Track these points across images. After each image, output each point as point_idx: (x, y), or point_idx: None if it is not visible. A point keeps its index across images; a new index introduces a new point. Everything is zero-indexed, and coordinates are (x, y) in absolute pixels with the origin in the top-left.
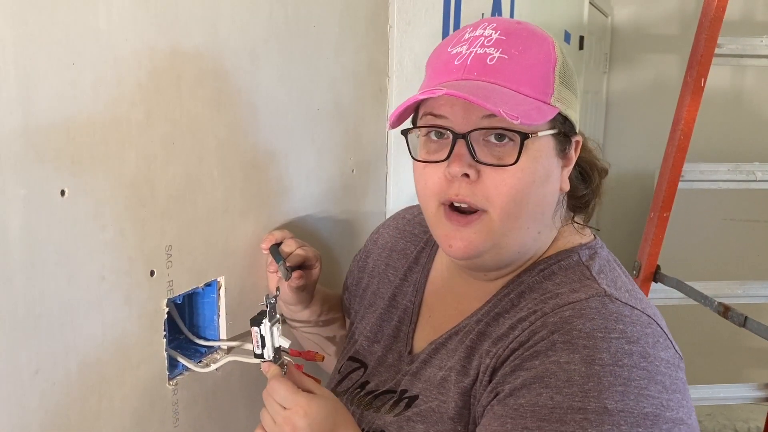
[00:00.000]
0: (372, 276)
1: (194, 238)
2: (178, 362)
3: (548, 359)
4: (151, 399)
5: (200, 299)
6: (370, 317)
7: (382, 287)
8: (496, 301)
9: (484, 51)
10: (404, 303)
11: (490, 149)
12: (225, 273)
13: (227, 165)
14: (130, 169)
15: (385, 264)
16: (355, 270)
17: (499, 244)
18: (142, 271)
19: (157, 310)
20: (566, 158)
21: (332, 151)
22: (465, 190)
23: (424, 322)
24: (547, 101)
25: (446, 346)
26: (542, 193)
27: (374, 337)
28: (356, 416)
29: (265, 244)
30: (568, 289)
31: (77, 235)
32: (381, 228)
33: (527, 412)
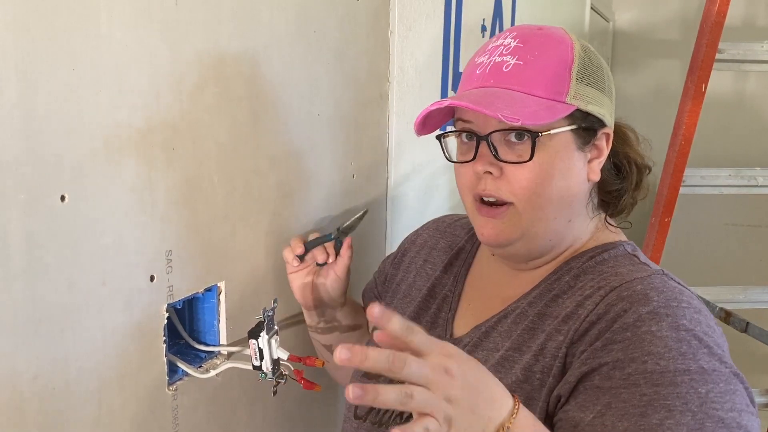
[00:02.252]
0: (408, 272)
1: (194, 243)
2: (178, 367)
3: (640, 330)
4: (150, 404)
5: (200, 304)
6: (406, 308)
7: (419, 280)
8: (548, 284)
9: (501, 59)
10: (443, 293)
11: (511, 148)
12: (225, 278)
13: (227, 170)
14: (131, 174)
15: (423, 260)
16: (388, 268)
17: (528, 233)
18: (142, 277)
19: (157, 315)
20: (596, 149)
21: (333, 157)
22: (491, 186)
23: (464, 309)
24: (561, 100)
25: (497, 329)
26: (565, 185)
27: None
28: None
29: (298, 250)
30: (626, 270)
31: (77, 241)
32: (419, 230)
33: (640, 380)
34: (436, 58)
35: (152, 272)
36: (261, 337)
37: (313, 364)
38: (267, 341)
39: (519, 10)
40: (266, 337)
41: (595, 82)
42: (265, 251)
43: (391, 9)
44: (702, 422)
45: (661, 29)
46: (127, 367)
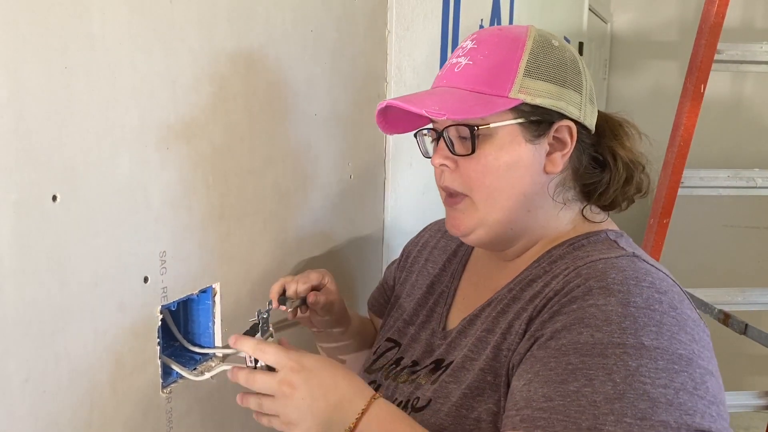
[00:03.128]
0: (411, 272)
1: (189, 244)
2: (173, 370)
3: (586, 303)
4: (144, 407)
5: (195, 306)
6: (408, 305)
7: (421, 279)
8: (527, 272)
9: (456, 60)
10: (440, 289)
11: (462, 143)
12: (220, 279)
13: (223, 170)
14: (124, 174)
15: (424, 260)
16: (395, 272)
17: (485, 222)
18: (135, 278)
19: (151, 317)
20: (558, 142)
21: (330, 157)
22: (447, 178)
23: (459, 303)
24: (503, 95)
25: (479, 317)
26: (515, 175)
27: (410, 320)
28: (391, 389)
29: (274, 304)
30: (598, 253)
31: (69, 241)
32: (422, 232)
33: (570, 350)
34: (434, 58)
35: (146, 273)
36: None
37: None
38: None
39: (517, 11)
40: (261, 339)
41: (551, 77)
42: (261, 252)
43: (388, 9)
44: (623, 393)
45: (659, 31)
46: (121, 369)
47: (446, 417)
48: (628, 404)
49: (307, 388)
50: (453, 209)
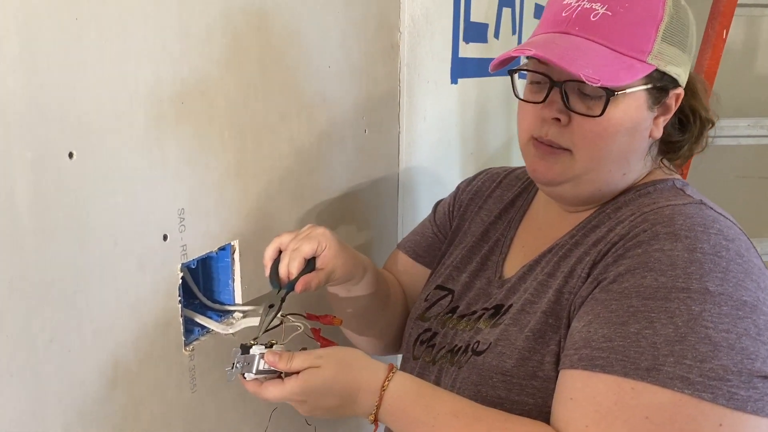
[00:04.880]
0: (462, 219)
1: (207, 201)
2: (194, 328)
3: (651, 247)
4: (167, 365)
5: (214, 264)
6: (458, 252)
7: (474, 226)
8: (590, 217)
9: (590, 6)
10: (496, 236)
11: (582, 99)
12: (239, 237)
13: (238, 126)
14: (140, 129)
15: (478, 207)
16: (441, 215)
17: (579, 179)
18: (154, 236)
19: (172, 275)
20: (664, 107)
21: (344, 111)
22: (553, 133)
23: (516, 252)
24: (642, 59)
25: (540, 263)
26: (627, 141)
27: (462, 267)
28: (450, 336)
29: (266, 271)
30: (665, 200)
31: (87, 199)
32: (473, 180)
33: (632, 293)
34: (447, 7)
35: (165, 231)
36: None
37: (331, 322)
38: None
39: None
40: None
41: (679, 41)
42: (278, 209)
43: None
44: (684, 336)
45: None
46: (143, 328)
47: (509, 359)
48: (688, 347)
49: (314, 405)
50: (544, 158)
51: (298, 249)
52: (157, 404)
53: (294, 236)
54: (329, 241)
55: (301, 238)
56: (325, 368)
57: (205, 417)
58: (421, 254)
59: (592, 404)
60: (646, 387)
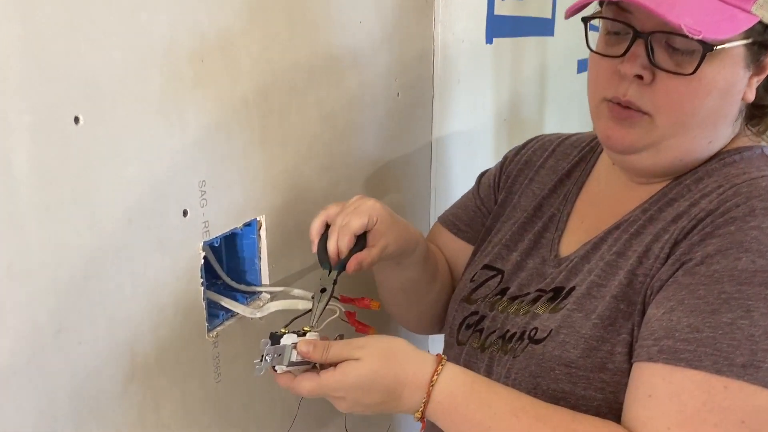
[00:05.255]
0: (510, 192)
1: (230, 172)
2: (219, 312)
3: (747, 224)
4: (189, 354)
5: (239, 241)
6: (507, 228)
7: (524, 200)
8: (665, 189)
9: None
10: (550, 211)
11: (670, 54)
12: (265, 211)
13: (263, 88)
14: (154, 91)
15: (528, 179)
16: (486, 187)
17: (659, 147)
18: (173, 212)
19: (193, 255)
20: (759, 67)
21: (376, 72)
22: (634, 92)
23: (575, 228)
24: (747, 9)
25: (606, 241)
26: (718, 104)
27: (512, 245)
28: (500, 320)
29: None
30: (755, 169)
31: (96, 171)
32: (521, 149)
33: (724, 277)
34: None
35: (185, 206)
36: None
37: (368, 306)
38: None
39: None
40: (291, 341)
41: None
42: (306, 180)
43: None
44: None
45: None
46: (161, 314)
47: (574, 349)
48: None
49: (354, 401)
50: (620, 123)
51: (347, 224)
52: (179, 397)
53: (342, 209)
54: (381, 215)
55: (350, 212)
56: (366, 360)
57: (230, 408)
58: (463, 228)
59: (676, 404)
60: (743, 386)
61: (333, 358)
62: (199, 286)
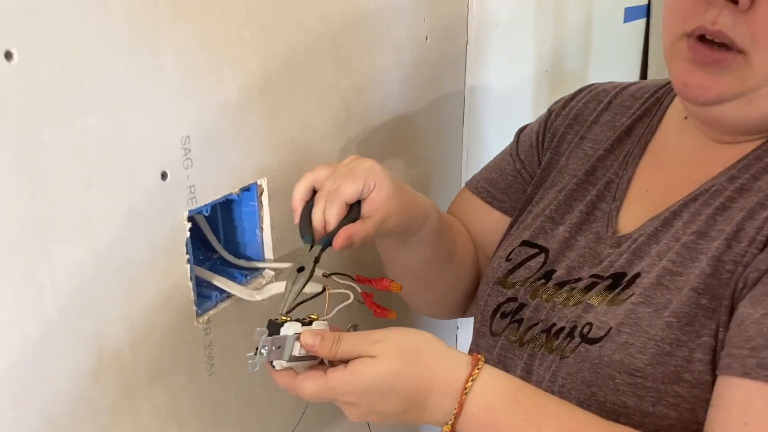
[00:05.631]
0: (556, 152)
1: (222, 126)
2: (211, 292)
3: None
4: (174, 344)
5: (237, 208)
6: (552, 196)
7: (573, 163)
8: (759, 152)
9: None
10: (606, 177)
11: None
12: (267, 174)
13: (263, 24)
14: (119, 22)
15: (579, 137)
16: (526, 146)
17: (753, 97)
18: (149, 174)
19: (176, 226)
20: None
21: (401, 12)
22: (726, 20)
23: (638, 198)
24: None
25: (681, 216)
26: None
27: (559, 218)
28: (544, 311)
29: (296, 217)
30: None
31: (39, 122)
32: (568, 101)
33: None
34: None
35: (163, 167)
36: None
37: (387, 287)
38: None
39: None
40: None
41: None
42: (317, 137)
43: None
44: None
45: None
46: (137, 299)
47: (641, 354)
48: None
49: (369, 408)
50: (705, 68)
51: (337, 190)
52: (162, 394)
53: (332, 171)
54: (379, 179)
55: (342, 175)
56: (385, 358)
57: (226, 405)
58: (499, 197)
59: None
60: None
61: (344, 353)
62: (185, 262)
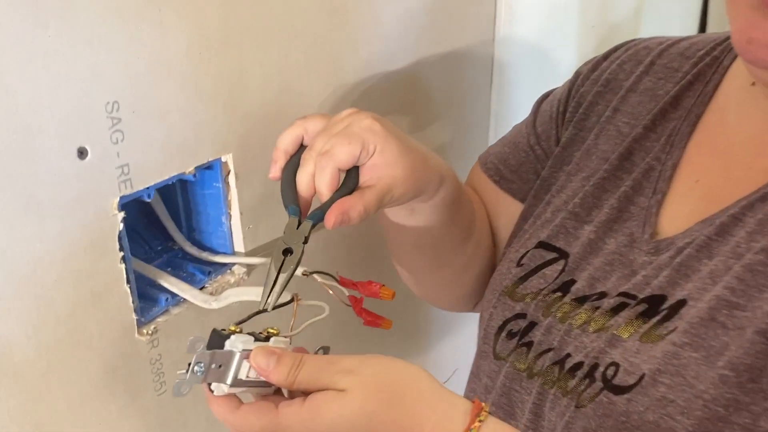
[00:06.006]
0: (582, 128)
1: (165, 86)
2: (159, 296)
3: None
4: (105, 361)
5: (198, 191)
6: (576, 185)
7: (604, 142)
8: None
9: None
10: (645, 163)
11: None
12: (233, 149)
13: None
14: None
15: (612, 109)
16: (546, 118)
17: None
18: (59, 152)
19: (102, 217)
20: None
21: None
22: None
23: (686, 191)
24: None
25: (743, 222)
26: None
27: (584, 214)
28: (558, 336)
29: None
30: None
31: None
32: (603, 62)
33: None
34: None
35: (80, 143)
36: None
37: (376, 294)
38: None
39: None
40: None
41: None
42: (299, 102)
43: None
44: None
45: None
46: (50, 309)
47: (683, 416)
48: None
49: None
50: None
51: (329, 153)
52: (93, 422)
53: (326, 124)
54: (381, 140)
55: (337, 134)
56: (356, 394)
57: (184, 428)
58: (507, 176)
59: None
60: None
61: (304, 382)
62: (118, 261)
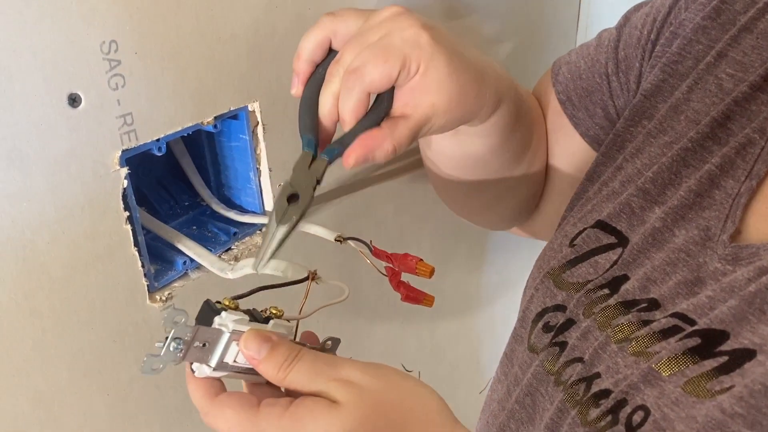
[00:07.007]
0: (673, 71)
1: (175, 20)
2: (176, 258)
3: None
4: (111, 330)
5: (226, 142)
6: (655, 152)
7: (698, 98)
8: None
9: None
10: (743, 134)
11: None
12: (260, 96)
13: None
14: None
15: (717, 53)
16: (632, 41)
17: None
18: (48, 99)
19: (101, 173)
20: None
21: None
22: None
23: None
24: None
25: None
26: None
27: (656, 192)
28: (590, 344)
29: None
30: None
31: None
32: None
33: None
34: None
35: (72, 89)
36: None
37: (413, 269)
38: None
39: None
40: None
41: None
42: None
43: None
44: None
45: None
46: (44, 274)
47: None
48: None
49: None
50: None
51: (358, 70)
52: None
53: (360, 26)
54: (427, 57)
55: (372, 47)
56: (350, 410)
57: None
58: (575, 100)
59: None
60: None
61: (295, 382)
62: (123, 222)
